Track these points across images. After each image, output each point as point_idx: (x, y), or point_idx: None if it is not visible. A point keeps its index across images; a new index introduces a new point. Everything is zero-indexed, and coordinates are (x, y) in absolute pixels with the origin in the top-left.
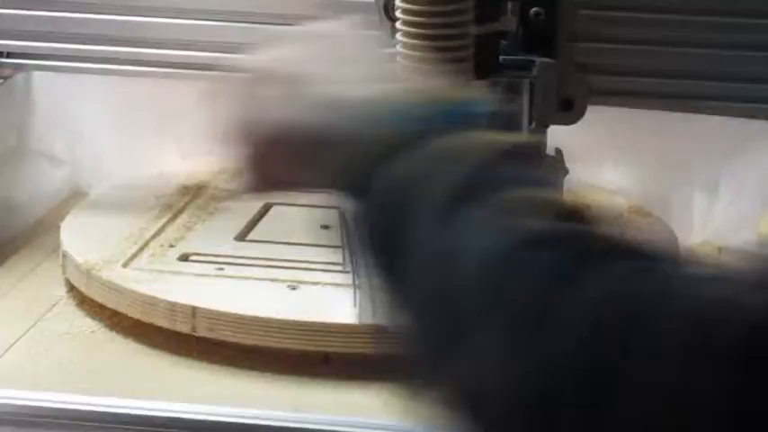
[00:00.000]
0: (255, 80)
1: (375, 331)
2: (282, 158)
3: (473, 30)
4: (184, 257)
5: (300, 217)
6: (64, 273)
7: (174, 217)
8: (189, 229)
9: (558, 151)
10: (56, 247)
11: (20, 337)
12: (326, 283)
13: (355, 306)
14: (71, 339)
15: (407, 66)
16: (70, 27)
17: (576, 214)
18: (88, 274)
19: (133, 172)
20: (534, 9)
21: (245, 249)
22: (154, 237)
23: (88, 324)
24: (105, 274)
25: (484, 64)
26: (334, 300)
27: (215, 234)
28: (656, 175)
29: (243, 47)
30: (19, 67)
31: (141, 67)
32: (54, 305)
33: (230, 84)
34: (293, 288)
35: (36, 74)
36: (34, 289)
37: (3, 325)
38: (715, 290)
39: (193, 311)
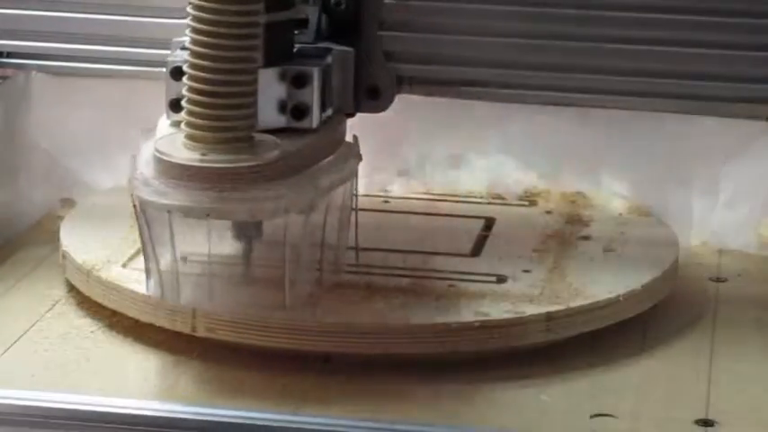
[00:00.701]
0: None
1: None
2: None
3: (262, 18)
4: (184, 257)
5: None
6: (64, 273)
7: None
8: None
9: (355, 138)
10: (56, 247)
11: (20, 337)
12: (327, 283)
13: (147, 290)
14: (71, 339)
15: (195, 52)
16: (70, 27)
17: None
18: (88, 274)
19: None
20: None
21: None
22: None
23: (88, 324)
24: (105, 274)
25: (274, 52)
26: (333, 300)
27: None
28: (655, 176)
29: None
30: (19, 67)
31: (141, 68)
32: (54, 305)
33: None
34: (293, 288)
35: (36, 74)
36: (34, 289)
37: (3, 325)
38: None
39: (193, 311)
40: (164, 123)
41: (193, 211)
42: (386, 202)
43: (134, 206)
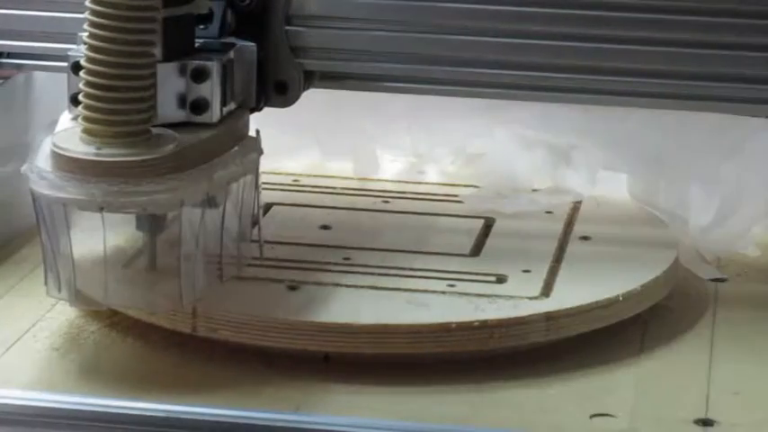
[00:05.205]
0: None
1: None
2: None
3: (160, 12)
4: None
5: (300, 217)
6: None
7: None
8: None
9: (257, 132)
10: None
11: (20, 337)
12: (326, 284)
13: (45, 284)
14: (71, 339)
15: (91, 46)
16: (70, 27)
17: None
18: None
19: None
20: None
21: (245, 249)
22: None
23: (88, 324)
24: None
25: (174, 46)
26: (334, 300)
27: None
28: (655, 175)
29: None
30: (19, 67)
31: None
32: (54, 305)
33: None
34: (293, 288)
35: (36, 74)
36: (34, 289)
37: (3, 325)
38: None
39: (193, 311)
40: (65, 118)
41: (87, 204)
42: (386, 202)
43: (33, 201)
